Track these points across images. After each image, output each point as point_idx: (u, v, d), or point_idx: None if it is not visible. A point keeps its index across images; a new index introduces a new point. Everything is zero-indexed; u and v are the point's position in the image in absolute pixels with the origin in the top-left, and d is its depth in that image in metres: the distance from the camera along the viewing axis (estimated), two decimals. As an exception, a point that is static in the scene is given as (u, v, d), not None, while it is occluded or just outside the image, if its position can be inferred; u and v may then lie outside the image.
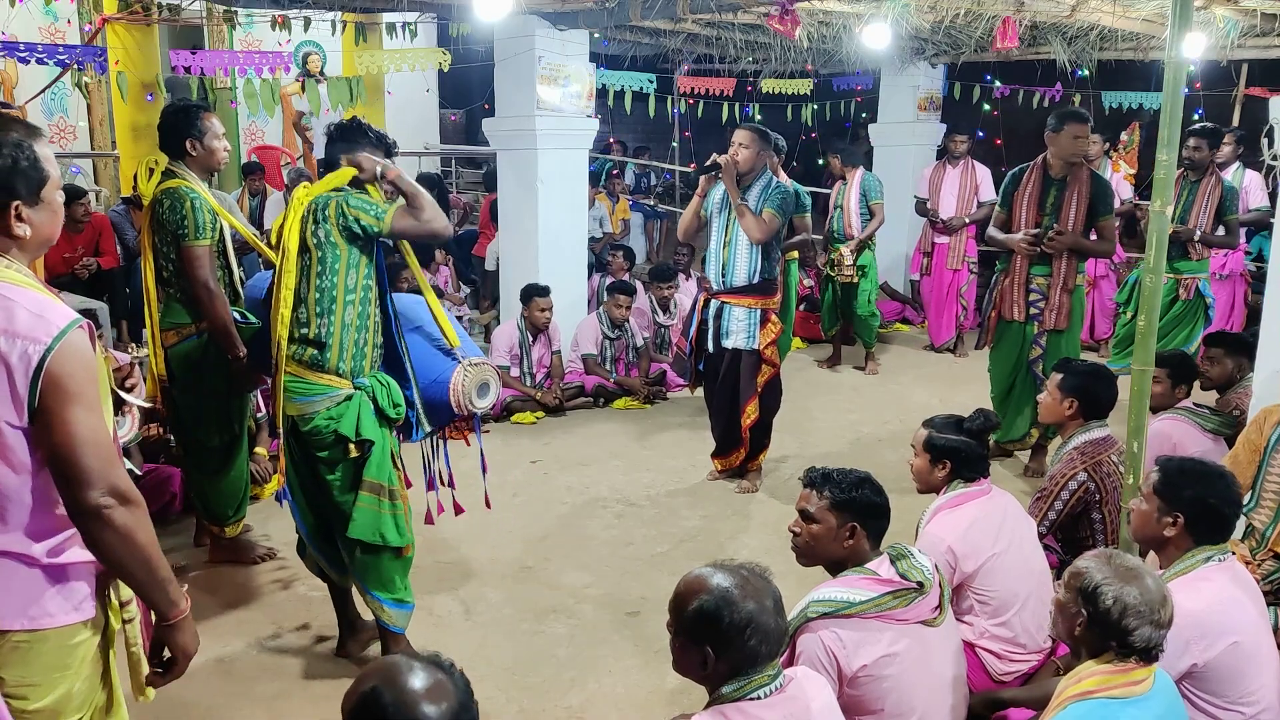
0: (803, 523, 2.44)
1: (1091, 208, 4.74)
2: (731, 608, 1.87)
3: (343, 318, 2.93)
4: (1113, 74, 8.26)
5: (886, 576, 2.34)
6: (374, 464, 3.00)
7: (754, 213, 4.51)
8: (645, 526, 4.49)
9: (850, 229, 7.10)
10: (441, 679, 1.47)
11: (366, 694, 1.42)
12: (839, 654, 2.26)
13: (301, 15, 5.95)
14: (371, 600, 3.08)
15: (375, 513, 3.01)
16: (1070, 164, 4.76)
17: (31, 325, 1.64)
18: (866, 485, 2.43)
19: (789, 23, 5.22)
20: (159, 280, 3.75)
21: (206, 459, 3.88)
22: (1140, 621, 1.96)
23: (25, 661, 1.74)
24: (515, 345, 6.22)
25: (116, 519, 1.69)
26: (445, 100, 12.18)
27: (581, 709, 3.10)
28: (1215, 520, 2.42)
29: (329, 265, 2.90)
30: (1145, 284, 2.88)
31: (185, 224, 3.56)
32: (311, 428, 2.95)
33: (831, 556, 2.42)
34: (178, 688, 3.07)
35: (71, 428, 1.65)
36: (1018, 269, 4.91)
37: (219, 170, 3.96)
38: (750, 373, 4.72)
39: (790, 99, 9.93)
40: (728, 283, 4.67)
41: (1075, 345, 4.98)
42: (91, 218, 6.92)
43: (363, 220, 2.89)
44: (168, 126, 3.69)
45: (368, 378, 3.01)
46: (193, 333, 3.72)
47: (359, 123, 3.12)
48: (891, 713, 2.30)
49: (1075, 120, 4.69)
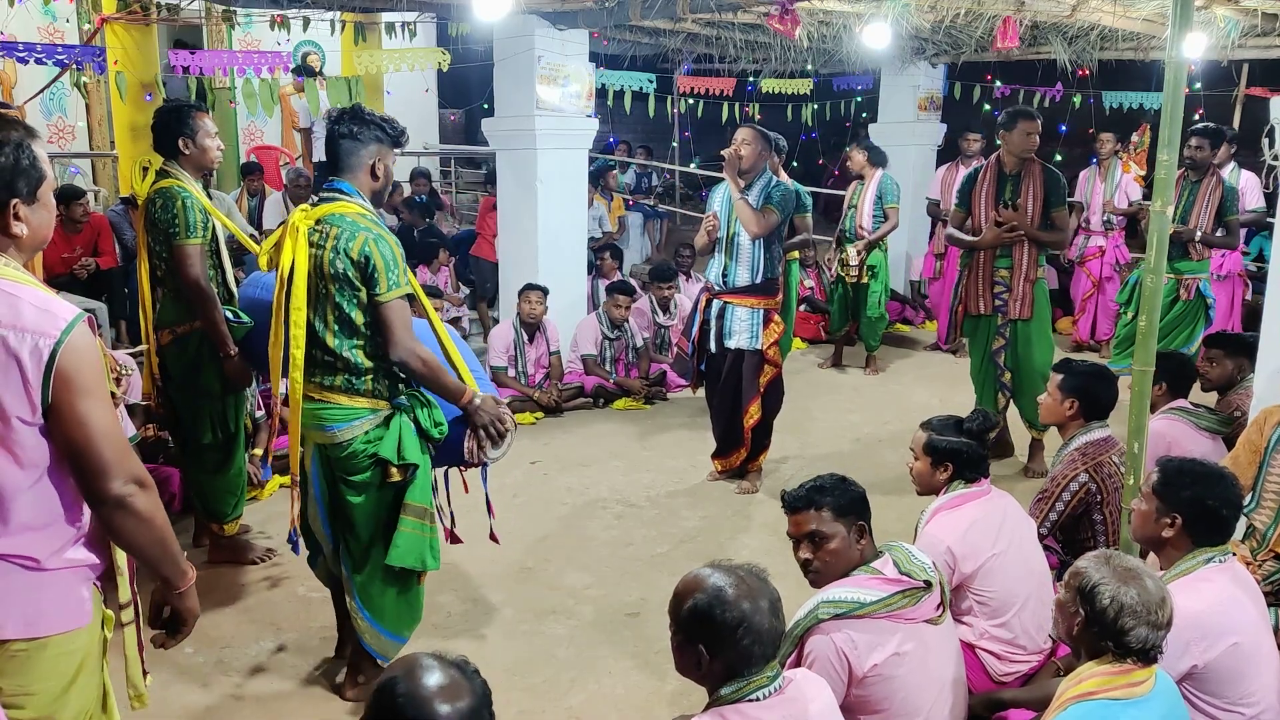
0: (814, 547, 2.38)
1: (1045, 199, 4.88)
2: (724, 606, 1.87)
3: (366, 336, 2.81)
4: (1113, 74, 8.26)
5: (893, 575, 2.34)
6: (417, 487, 2.89)
7: (754, 208, 4.52)
8: (645, 527, 4.49)
9: (862, 229, 7.06)
10: (459, 679, 1.48)
11: (383, 684, 1.48)
12: (851, 655, 2.26)
13: (301, 15, 5.95)
14: (366, 625, 2.96)
15: (419, 537, 2.90)
16: (1023, 159, 4.91)
17: (39, 320, 1.65)
18: (847, 481, 2.43)
19: (789, 23, 5.21)
20: (153, 279, 3.76)
21: (204, 457, 3.88)
22: (1137, 622, 1.95)
23: (23, 670, 1.74)
24: (511, 345, 6.21)
25: (139, 505, 1.72)
26: (445, 100, 12.19)
27: (581, 709, 3.09)
28: (1214, 521, 2.41)
29: (349, 294, 2.77)
30: (1146, 284, 2.88)
31: (176, 223, 3.56)
32: (347, 453, 2.82)
33: (851, 565, 2.38)
34: (178, 688, 3.09)
35: (88, 420, 1.68)
36: (981, 264, 5.04)
37: (212, 169, 3.96)
38: (753, 373, 4.72)
39: (790, 99, 9.93)
40: (730, 283, 4.67)
41: (1046, 337, 5.06)
42: (90, 218, 6.91)
43: (378, 275, 2.73)
44: (161, 126, 3.70)
45: (405, 396, 2.90)
46: (187, 332, 3.72)
47: (364, 112, 2.90)
48: (898, 712, 2.30)
49: (1026, 118, 4.86)
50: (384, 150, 2.90)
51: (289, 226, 2.83)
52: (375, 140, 2.87)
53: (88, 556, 1.79)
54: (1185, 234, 5.71)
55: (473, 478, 3.23)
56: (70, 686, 1.79)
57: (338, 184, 2.86)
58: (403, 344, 2.78)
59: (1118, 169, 7.55)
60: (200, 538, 4.12)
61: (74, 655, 1.79)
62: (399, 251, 2.81)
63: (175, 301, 3.71)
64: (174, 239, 3.57)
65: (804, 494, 2.40)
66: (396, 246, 2.82)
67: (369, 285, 2.76)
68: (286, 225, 2.85)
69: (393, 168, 2.98)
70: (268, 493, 4.62)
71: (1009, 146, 4.91)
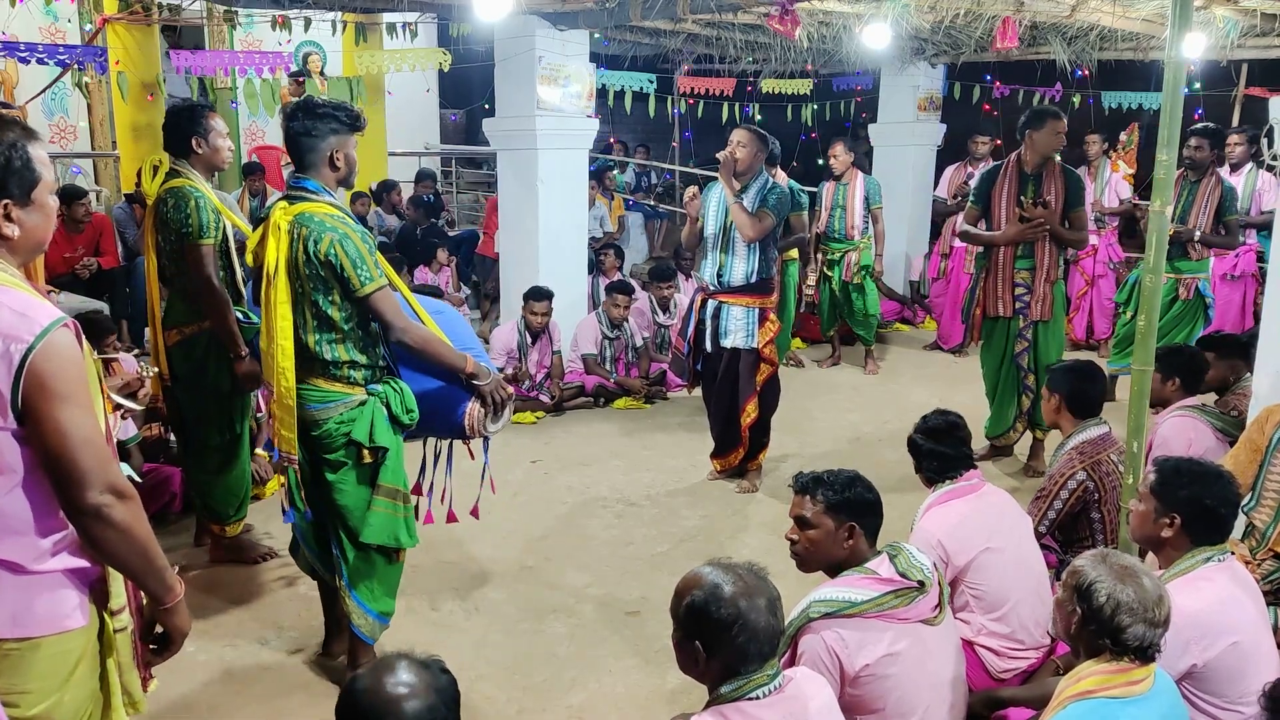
0: (800, 530, 2.44)
1: (1065, 199, 4.88)
2: (719, 604, 1.89)
3: (344, 331, 2.90)
4: (1113, 74, 8.26)
5: (887, 575, 2.35)
6: (389, 469, 3.00)
7: (748, 211, 4.52)
8: (645, 526, 4.50)
9: (852, 230, 7.07)
10: (423, 678, 1.54)
11: (349, 682, 1.57)
12: (841, 654, 2.27)
13: (301, 15, 5.96)
14: (354, 605, 3.05)
15: (391, 516, 3.01)
16: (1044, 159, 4.90)
17: (14, 324, 1.63)
18: (858, 484, 2.44)
19: (789, 23, 5.22)
20: (161, 279, 3.76)
21: (208, 458, 3.89)
22: (1133, 619, 1.96)
23: (16, 670, 1.73)
24: (514, 347, 6.22)
25: (116, 516, 1.69)
26: (445, 100, 12.19)
27: (581, 709, 3.10)
28: (1212, 521, 2.41)
29: (323, 291, 2.85)
30: (1145, 284, 2.89)
31: (189, 223, 3.56)
32: (322, 431, 2.94)
33: (832, 559, 2.42)
34: (178, 688, 3.09)
35: (65, 428, 1.64)
36: (1001, 265, 5.00)
37: (223, 169, 3.96)
38: (749, 372, 4.72)
39: (790, 99, 9.94)
40: (725, 282, 4.68)
41: (1060, 337, 5.07)
42: (92, 218, 6.92)
43: (347, 273, 2.80)
44: (173, 125, 3.69)
45: (381, 384, 2.99)
46: (194, 332, 3.72)
47: (317, 104, 2.91)
48: (893, 712, 2.31)
49: (1055, 117, 4.86)
50: (343, 139, 2.93)
51: (271, 223, 2.88)
52: (332, 132, 2.90)
53: (77, 562, 1.76)
54: (1184, 234, 5.72)
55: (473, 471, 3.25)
56: (65, 687, 1.77)
57: (304, 182, 2.92)
58: (397, 327, 2.89)
59: (1106, 168, 7.56)
60: (201, 537, 4.13)
61: (68, 657, 1.77)
62: (364, 246, 2.85)
63: (182, 301, 3.71)
64: (186, 239, 3.57)
65: (807, 481, 2.45)
66: (362, 242, 2.85)
67: (342, 284, 2.84)
68: (269, 222, 2.89)
69: (354, 153, 2.98)
70: (269, 491, 4.63)
71: (1036, 145, 4.86)
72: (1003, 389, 5.16)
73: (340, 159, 2.93)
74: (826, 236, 7.20)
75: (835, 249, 7.14)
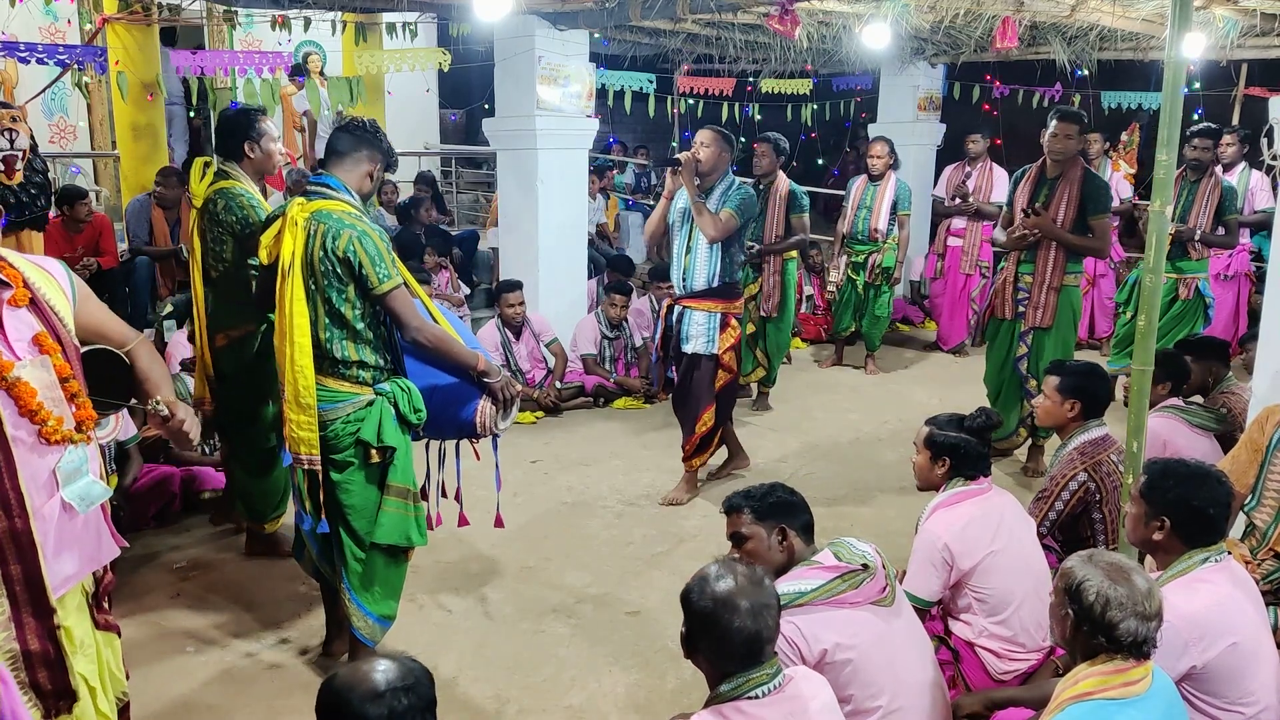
0: (737, 547, 2.52)
1: (1082, 206, 4.78)
2: (700, 596, 1.97)
3: (356, 329, 2.92)
4: (1113, 74, 8.27)
5: (830, 564, 2.40)
6: (399, 469, 3.01)
7: (711, 212, 4.44)
8: (645, 526, 4.50)
9: (876, 231, 6.94)
10: (399, 680, 1.60)
11: (325, 681, 1.65)
12: (799, 642, 2.30)
13: (301, 15, 5.96)
14: (354, 608, 3.05)
15: (403, 516, 3.03)
16: (1063, 163, 4.81)
17: None
18: (778, 489, 2.55)
19: (789, 23, 5.22)
20: (207, 281, 3.76)
21: (256, 459, 3.93)
22: (1125, 614, 1.95)
23: None
24: (498, 345, 6.22)
25: None
26: (445, 100, 12.18)
27: (582, 709, 3.10)
28: (1203, 521, 2.39)
29: (338, 288, 2.87)
30: (1145, 283, 2.88)
31: (249, 221, 3.61)
32: (330, 431, 2.94)
33: (775, 565, 2.47)
34: (178, 688, 3.09)
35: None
36: (1010, 268, 5.02)
37: (272, 174, 4.03)
38: (707, 379, 4.61)
39: (790, 99, 9.93)
40: (688, 286, 4.60)
41: (1066, 346, 4.99)
42: (93, 218, 6.91)
43: (366, 271, 2.84)
44: (227, 129, 3.75)
45: (389, 384, 3.00)
46: (241, 335, 3.74)
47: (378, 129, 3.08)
48: (860, 697, 2.33)
49: (1060, 119, 4.79)
50: (378, 164, 3.06)
51: (287, 219, 2.90)
52: (381, 152, 3.05)
53: None
54: (1184, 233, 5.72)
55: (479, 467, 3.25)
56: None
57: (326, 178, 2.96)
58: (412, 325, 2.95)
59: (1107, 168, 7.56)
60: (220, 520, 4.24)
61: None
62: (383, 245, 2.90)
63: (228, 304, 3.73)
64: (247, 238, 3.60)
65: (733, 500, 2.57)
66: (381, 240, 2.90)
67: (360, 282, 2.87)
68: (285, 218, 2.91)
69: (377, 185, 3.12)
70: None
71: (1045, 147, 4.84)
72: (1005, 392, 5.15)
73: (371, 176, 3.05)
74: (852, 238, 7.09)
75: (860, 250, 7.05)
